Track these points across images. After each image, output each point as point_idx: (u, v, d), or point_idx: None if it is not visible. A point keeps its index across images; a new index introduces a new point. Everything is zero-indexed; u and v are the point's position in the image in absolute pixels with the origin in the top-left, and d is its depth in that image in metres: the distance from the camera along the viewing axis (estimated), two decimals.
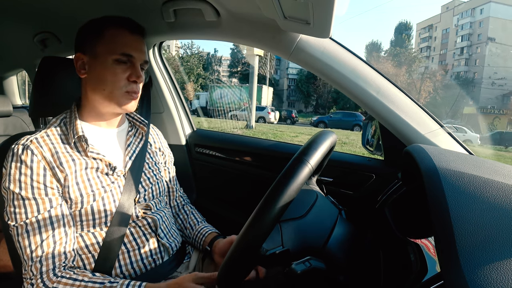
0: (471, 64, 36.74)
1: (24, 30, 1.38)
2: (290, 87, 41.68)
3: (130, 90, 0.79)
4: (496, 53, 33.18)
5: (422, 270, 0.53)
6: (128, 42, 0.78)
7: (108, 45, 0.76)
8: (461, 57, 37.65)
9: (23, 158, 0.71)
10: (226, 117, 18.60)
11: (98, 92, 0.78)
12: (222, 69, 42.07)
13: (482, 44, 35.33)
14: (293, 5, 0.68)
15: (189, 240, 1.00)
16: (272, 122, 18.92)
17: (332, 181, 1.11)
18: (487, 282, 0.31)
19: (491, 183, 0.42)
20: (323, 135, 0.64)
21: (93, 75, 0.78)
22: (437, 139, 0.87)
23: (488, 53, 34.39)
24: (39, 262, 0.69)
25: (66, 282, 0.68)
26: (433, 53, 41.55)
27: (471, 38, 36.92)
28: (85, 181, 0.76)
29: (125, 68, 0.78)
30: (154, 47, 1.31)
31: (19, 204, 0.70)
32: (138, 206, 0.83)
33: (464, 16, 37.49)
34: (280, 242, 0.61)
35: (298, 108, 37.92)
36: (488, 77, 33.59)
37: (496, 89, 32.68)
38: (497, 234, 0.35)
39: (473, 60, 36.68)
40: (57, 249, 0.70)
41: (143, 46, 0.81)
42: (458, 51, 38.09)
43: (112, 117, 0.84)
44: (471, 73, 35.34)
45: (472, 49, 36.78)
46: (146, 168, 0.88)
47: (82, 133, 0.77)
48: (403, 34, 35.94)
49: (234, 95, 20.15)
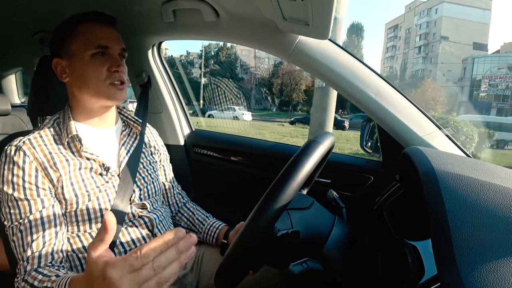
0: (427, 62, 38.00)
1: (23, 28, 1.37)
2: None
3: (114, 81, 0.78)
4: (449, 51, 34.03)
5: (420, 272, 0.53)
6: (102, 34, 0.77)
7: (82, 41, 0.76)
8: (419, 56, 38.95)
9: (15, 159, 0.71)
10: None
11: (84, 90, 0.78)
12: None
13: (437, 43, 36.67)
14: (292, 6, 0.68)
15: (199, 234, 1.00)
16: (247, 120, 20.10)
17: (330, 182, 1.11)
18: (484, 284, 0.31)
19: (489, 185, 0.42)
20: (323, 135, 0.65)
21: (75, 76, 0.78)
22: (435, 141, 0.87)
23: (442, 51, 35.54)
24: (27, 261, 0.69)
25: (35, 275, 0.66)
26: (398, 52, 42.61)
27: (427, 37, 38.23)
28: (79, 181, 0.76)
29: (104, 60, 0.77)
30: (153, 47, 1.30)
31: (13, 205, 0.70)
32: (133, 205, 0.83)
33: (421, 16, 38.87)
34: (290, 225, 0.65)
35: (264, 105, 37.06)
36: (442, 74, 34.54)
37: (451, 86, 33.40)
38: (494, 237, 0.36)
39: (429, 58, 37.93)
40: (45, 249, 0.70)
41: (118, 35, 0.81)
42: (417, 50, 39.44)
43: (104, 112, 0.83)
44: (428, 71, 36.42)
45: (428, 47, 38.04)
46: (141, 167, 0.88)
47: (76, 132, 0.77)
48: (353, 36, 36.35)
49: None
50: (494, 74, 29.44)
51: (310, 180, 0.84)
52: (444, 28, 35.87)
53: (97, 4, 0.88)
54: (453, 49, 33.53)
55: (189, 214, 1.04)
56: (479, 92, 31.08)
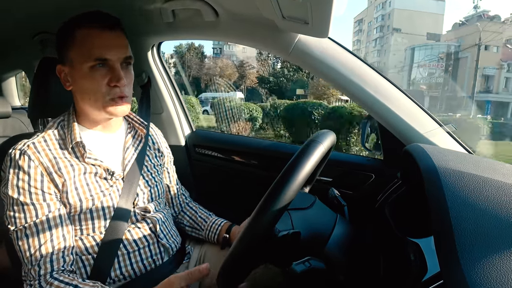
0: (382, 55, 38.77)
1: (23, 30, 1.37)
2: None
3: (114, 97, 0.74)
4: (402, 43, 34.43)
5: (422, 269, 0.53)
6: (101, 42, 0.72)
7: (80, 52, 0.72)
8: (375, 49, 39.70)
9: (21, 164, 0.70)
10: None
11: (86, 101, 0.76)
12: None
13: (390, 35, 37.40)
14: (291, 5, 0.68)
15: (201, 232, 1.00)
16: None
17: (331, 181, 1.11)
18: (487, 281, 0.31)
19: (490, 182, 0.42)
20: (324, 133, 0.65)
21: (76, 86, 0.76)
22: (436, 138, 0.87)
23: (394, 43, 36.01)
24: (38, 265, 0.69)
25: (58, 285, 0.68)
26: (362, 46, 43.13)
27: (383, 30, 38.89)
28: (83, 185, 0.75)
29: (105, 72, 0.73)
30: (153, 47, 1.30)
31: (18, 209, 0.70)
32: (137, 208, 0.83)
33: (378, 9, 39.62)
34: (291, 226, 0.64)
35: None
36: (394, 66, 35.02)
37: (395, 76, 33.67)
38: (496, 233, 0.35)
39: (384, 50, 38.63)
40: (56, 253, 0.70)
41: (121, 40, 0.75)
42: (374, 42, 40.22)
43: (107, 121, 0.82)
44: (382, 63, 37.01)
45: (383, 40, 38.71)
46: (145, 170, 0.88)
47: (80, 139, 0.76)
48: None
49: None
50: (429, 63, 29.57)
51: (312, 178, 0.84)
52: (396, 20, 36.40)
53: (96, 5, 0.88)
54: (405, 41, 33.77)
55: (192, 212, 1.04)
56: (416, 81, 31.44)
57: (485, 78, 29.02)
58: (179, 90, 1.45)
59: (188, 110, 1.50)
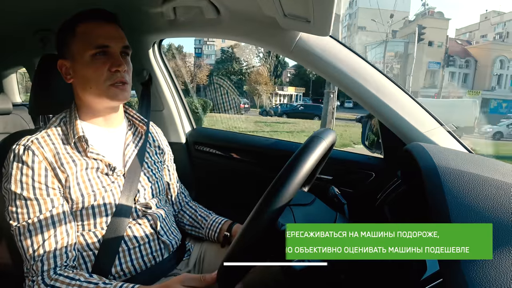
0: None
1: (24, 27, 1.37)
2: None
3: (114, 82, 0.76)
4: (366, 41, 34.54)
5: (422, 268, 0.54)
6: (101, 32, 0.76)
7: (82, 42, 0.75)
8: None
9: (24, 159, 0.71)
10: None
11: (86, 91, 0.78)
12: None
13: (355, 34, 37.96)
14: (293, 3, 0.68)
15: (202, 230, 1.01)
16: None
17: (331, 179, 1.11)
18: (486, 280, 0.31)
19: (490, 181, 0.42)
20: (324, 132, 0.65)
21: (78, 77, 0.78)
22: (437, 137, 0.87)
23: (358, 41, 36.22)
24: (40, 261, 0.69)
25: (63, 280, 0.68)
26: None
27: (350, 29, 39.51)
28: (85, 181, 0.76)
29: (105, 60, 0.76)
30: (154, 45, 1.30)
31: (21, 204, 0.70)
32: (138, 205, 0.83)
33: (347, 9, 40.30)
34: (293, 220, 0.65)
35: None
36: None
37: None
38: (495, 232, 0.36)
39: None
40: (59, 248, 0.71)
41: (119, 32, 0.80)
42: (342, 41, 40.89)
43: (109, 112, 0.83)
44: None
45: (350, 39, 39.10)
46: (145, 167, 0.88)
47: (83, 133, 0.77)
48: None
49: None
50: (379, 60, 29.59)
51: (311, 177, 0.84)
52: (360, 18, 36.78)
53: (97, 2, 0.87)
54: (369, 39, 33.83)
55: (191, 211, 1.04)
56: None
57: (430, 74, 29.58)
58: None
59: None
